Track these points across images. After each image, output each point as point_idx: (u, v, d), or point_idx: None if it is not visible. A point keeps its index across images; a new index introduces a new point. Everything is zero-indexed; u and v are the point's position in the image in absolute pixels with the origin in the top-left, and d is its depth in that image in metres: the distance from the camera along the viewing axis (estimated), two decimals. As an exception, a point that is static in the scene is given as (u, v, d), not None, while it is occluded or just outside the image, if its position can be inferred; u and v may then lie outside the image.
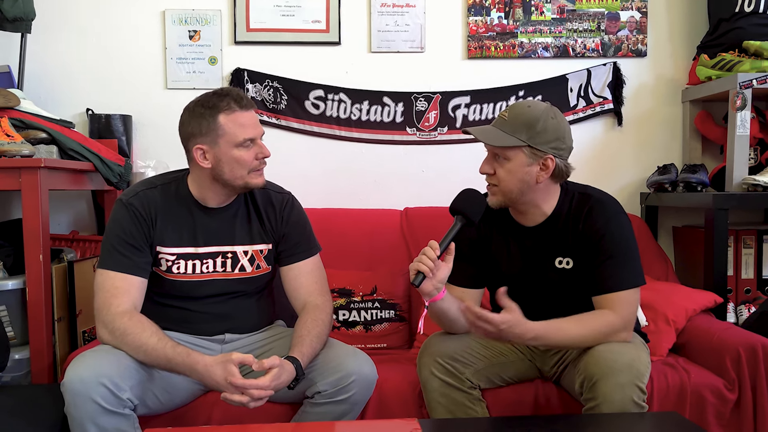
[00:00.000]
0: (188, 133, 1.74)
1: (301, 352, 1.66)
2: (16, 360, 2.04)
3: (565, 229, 1.77)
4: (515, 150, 1.70)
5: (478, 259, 1.87)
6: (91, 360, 1.58)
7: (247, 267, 1.83)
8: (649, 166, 2.78)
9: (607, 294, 1.71)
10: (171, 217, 1.78)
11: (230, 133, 1.70)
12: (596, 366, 1.61)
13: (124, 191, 1.82)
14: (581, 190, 1.81)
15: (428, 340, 1.81)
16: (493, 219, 1.85)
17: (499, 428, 1.62)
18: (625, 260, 1.72)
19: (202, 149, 1.72)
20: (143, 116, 2.70)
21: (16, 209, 2.67)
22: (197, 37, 2.72)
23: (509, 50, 2.78)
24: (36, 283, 1.98)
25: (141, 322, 1.65)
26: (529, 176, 1.71)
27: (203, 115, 1.71)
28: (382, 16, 2.75)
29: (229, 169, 1.72)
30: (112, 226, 1.75)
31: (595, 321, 1.69)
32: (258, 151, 1.75)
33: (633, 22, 2.80)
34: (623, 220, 1.76)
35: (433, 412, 1.76)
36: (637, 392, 1.57)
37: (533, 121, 1.69)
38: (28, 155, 1.99)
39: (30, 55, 2.55)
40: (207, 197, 1.80)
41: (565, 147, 1.74)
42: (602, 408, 1.57)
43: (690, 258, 2.69)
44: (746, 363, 1.90)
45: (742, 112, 2.41)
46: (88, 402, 1.50)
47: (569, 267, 1.78)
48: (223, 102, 1.71)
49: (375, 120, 2.77)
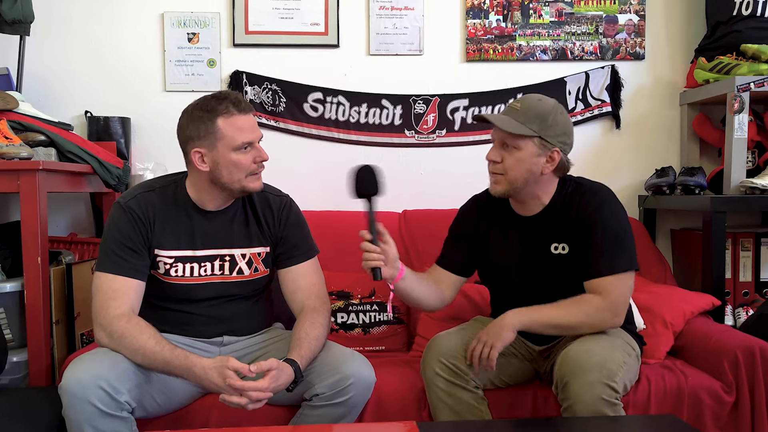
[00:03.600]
0: (186, 137, 1.74)
1: (299, 355, 1.66)
2: (14, 362, 2.04)
3: (560, 216, 1.81)
4: (526, 140, 1.74)
5: (471, 251, 1.92)
6: (88, 363, 1.57)
7: (245, 270, 1.83)
8: (647, 169, 2.78)
9: (596, 278, 1.73)
10: (169, 220, 1.78)
11: (228, 136, 1.70)
12: (567, 366, 1.63)
13: (122, 194, 1.82)
14: (577, 180, 1.86)
15: (431, 341, 1.82)
16: (492, 210, 1.90)
17: (500, 431, 1.62)
18: (616, 245, 1.74)
19: (200, 152, 1.72)
20: (142, 119, 2.70)
21: (15, 211, 2.67)
22: (196, 39, 2.72)
23: (508, 53, 2.79)
24: (34, 285, 1.98)
25: (139, 324, 1.65)
26: (536, 167, 1.76)
27: (201, 118, 1.71)
28: (380, 18, 2.75)
29: (227, 172, 1.72)
30: (110, 229, 1.74)
31: (577, 305, 1.72)
32: (256, 155, 1.75)
33: (631, 26, 2.81)
34: (615, 207, 1.79)
35: (438, 413, 1.76)
36: (607, 391, 1.58)
37: (545, 113, 1.75)
38: (26, 158, 1.99)
39: (29, 58, 2.55)
40: (205, 200, 1.80)
41: (569, 143, 1.80)
42: (575, 408, 1.58)
43: (688, 261, 2.69)
44: (744, 366, 1.90)
45: (740, 115, 2.41)
46: (86, 405, 1.50)
47: (565, 252, 1.80)
48: (221, 105, 1.70)
49: (373, 123, 2.77)
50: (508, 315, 1.73)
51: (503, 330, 1.70)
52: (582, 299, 1.73)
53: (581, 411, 1.57)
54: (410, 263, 2.26)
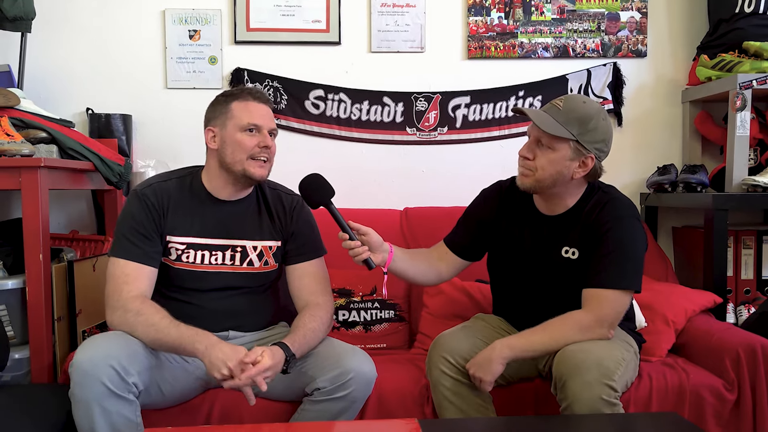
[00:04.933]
0: (207, 119, 1.85)
1: (291, 339, 1.69)
2: (16, 359, 2.04)
3: (578, 221, 1.79)
4: (562, 142, 1.71)
5: (480, 236, 1.92)
6: (101, 342, 1.60)
7: (255, 262, 1.85)
8: (648, 167, 2.78)
9: (590, 289, 1.72)
10: (183, 208, 1.82)
11: (237, 116, 1.79)
12: (565, 366, 1.62)
13: (139, 183, 1.88)
14: (605, 189, 1.83)
15: (436, 340, 1.82)
16: (513, 200, 1.88)
17: (498, 429, 1.63)
18: (621, 261, 1.71)
19: (212, 131, 1.82)
20: (143, 116, 2.70)
21: (16, 208, 2.67)
22: (197, 36, 2.72)
23: (509, 50, 2.78)
24: (36, 282, 1.98)
25: (153, 305, 1.69)
26: (567, 170, 1.73)
27: (220, 101, 1.84)
28: (382, 15, 2.75)
29: (231, 151, 1.78)
30: (125, 215, 1.79)
31: (564, 325, 1.70)
32: (261, 140, 1.79)
33: (633, 23, 2.80)
34: (634, 224, 1.76)
35: (445, 412, 1.75)
36: (606, 390, 1.57)
37: (587, 118, 1.71)
38: (28, 155, 1.99)
39: (30, 55, 2.55)
40: (218, 188, 1.84)
41: (606, 150, 1.76)
42: (573, 407, 1.58)
43: (689, 258, 2.69)
44: (746, 363, 1.90)
45: (742, 113, 2.41)
46: (96, 383, 1.51)
47: (574, 257, 1.78)
48: (240, 93, 1.83)
49: (375, 120, 2.77)
50: (497, 347, 1.70)
51: (492, 364, 1.68)
52: (568, 318, 1.71)
53: (580, 410, 1.57)
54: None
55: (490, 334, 1.86)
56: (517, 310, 1.91)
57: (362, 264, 1.69)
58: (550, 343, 1.70)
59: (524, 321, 1.81)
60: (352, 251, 1.69)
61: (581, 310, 1.71)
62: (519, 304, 1.90)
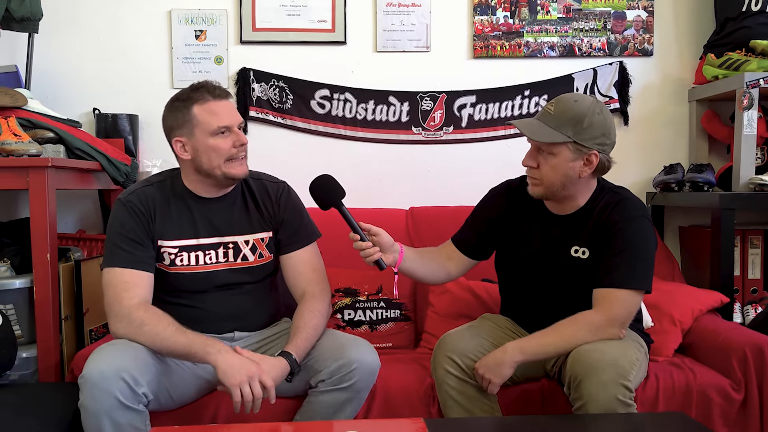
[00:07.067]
0: (168, 128, 1.79)
1: (295, 345, 1.70)
2: (24, 358, 2.05)
3: (588, 220, 1.78)
4: (560, 146, 1.70)
5: (488, 235, 1.92)
6: (110, 354, 1.58)
7: (249, 256, 1.85)
8: (655, 166, 2.77)
9: (601, 289, 1.71)
10: (170, 211, 1.80)
11: (204, 122, 1.73)
12: (580, 365, 1.61)
13: (122, 192, 1.85)
14: (616, 189, 1.82)
15: (441, 340, 1.82)
16: (522, 200, 1.88)
17: (507, 428, 1.62)
18: (632, 261, 1.70)
19: (181, 141, 1.76)
20: (150, 116, 2.70)
21: (24, 208, 2.68)
22: (203, 36, 2.72)
23: (515, 50, 2.78)
24: (43, 281, 1.99)
25: (156, 313, 1.68)
26: (573, 171, 1.72)
27: (179, 108, 1.76)
28: (387, 15, 2.75)
29: (207, 158, 1.75)
30: (113, 225, 1.77)
31: (573, 326, 1.69)
32: (235, 140, 1.76)
33: (639, 22, 2.79)
34: (645, 224, 1.75)
35: (450, 411, 1.75)
36: (621, 390, 1.57)
37: (580, 117, 1.69)
38: (35, 155, 2.00)
39: (37, 55, 2.56)
40: (198, 189, 1.82)
41: (609, 142, 1.74)
42: (588, 407, 1.58)
43: (696, 258, 2.68)
44: (753, 363, 1.89)
45: (749, 112, 2.40)
46: (108, 396, 1.51)
47: (584, 257, 1.78)
48: (196, 94, 1.75)
49: (380, 119, 2.77)
50: (508, 350, 1.69)
51: (503, 367, 1.68)
52: (579, 319, 1.70)
53: (595, 411, 1.56)
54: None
55: (497, 335, 1.86)
56: (525, 310, 1.91)
57: (373, 265, 1.69)
58: (562, 344, 1.69)
59: (533, 321, 1.81)
60: (363, 252, 1.68)
61: (592, 310, 1.70)
62: (528, 303, 1.89)
